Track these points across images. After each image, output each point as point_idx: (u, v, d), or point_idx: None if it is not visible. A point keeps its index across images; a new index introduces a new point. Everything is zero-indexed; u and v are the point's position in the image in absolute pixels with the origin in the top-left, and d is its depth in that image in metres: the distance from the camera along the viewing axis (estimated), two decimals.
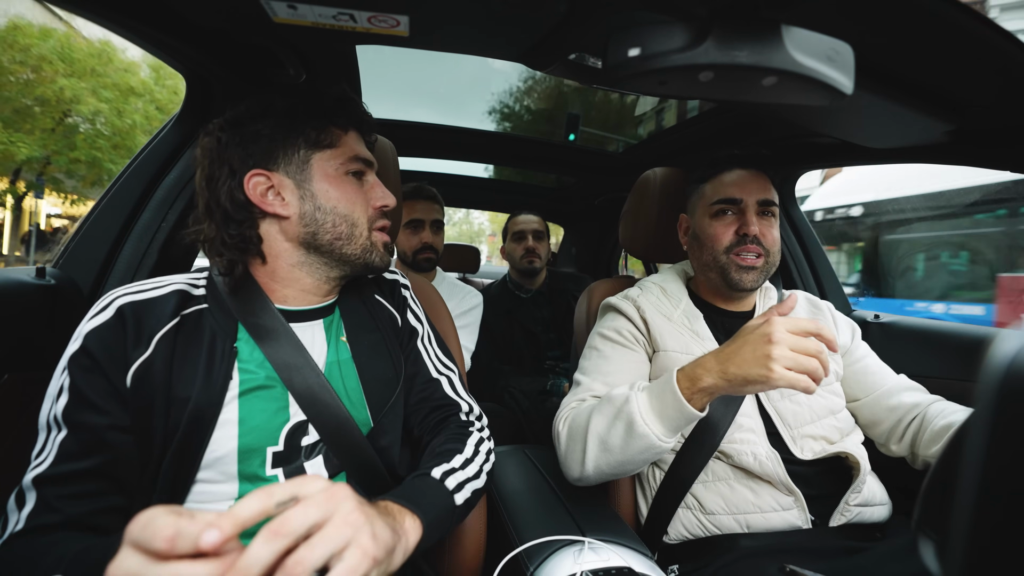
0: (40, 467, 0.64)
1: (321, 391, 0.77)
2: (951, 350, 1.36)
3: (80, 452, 0.65)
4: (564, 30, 0.82)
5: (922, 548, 0.44)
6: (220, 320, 0.76)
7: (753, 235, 1.06)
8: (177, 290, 0.76)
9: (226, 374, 0.73)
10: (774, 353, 0.75)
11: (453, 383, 0.97)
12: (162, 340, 0.71)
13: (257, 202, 0.77)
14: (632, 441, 0.86)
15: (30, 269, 1.02)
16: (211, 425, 0.71)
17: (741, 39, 0.54)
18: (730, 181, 1.11)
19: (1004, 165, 1.06)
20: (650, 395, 0.87)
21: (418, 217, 1.93)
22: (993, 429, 0.35)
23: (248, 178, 0.76)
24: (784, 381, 0.74)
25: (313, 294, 0.84)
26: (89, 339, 0.68)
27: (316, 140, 0.79)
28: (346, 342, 0.85)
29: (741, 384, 0.78)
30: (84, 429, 0.66)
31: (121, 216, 1.18)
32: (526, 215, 2.47)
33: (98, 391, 0.67)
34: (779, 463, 0.97)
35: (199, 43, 1.01)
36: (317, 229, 0.79)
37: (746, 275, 1.08)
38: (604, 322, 1.17)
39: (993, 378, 0.35)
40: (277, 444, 0.75)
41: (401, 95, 2.12)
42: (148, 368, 0.69)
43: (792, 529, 0.97)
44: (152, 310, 0.72)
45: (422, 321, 0.99)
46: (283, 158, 0.78)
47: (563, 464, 0.99)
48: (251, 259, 0.80)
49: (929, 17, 0.68)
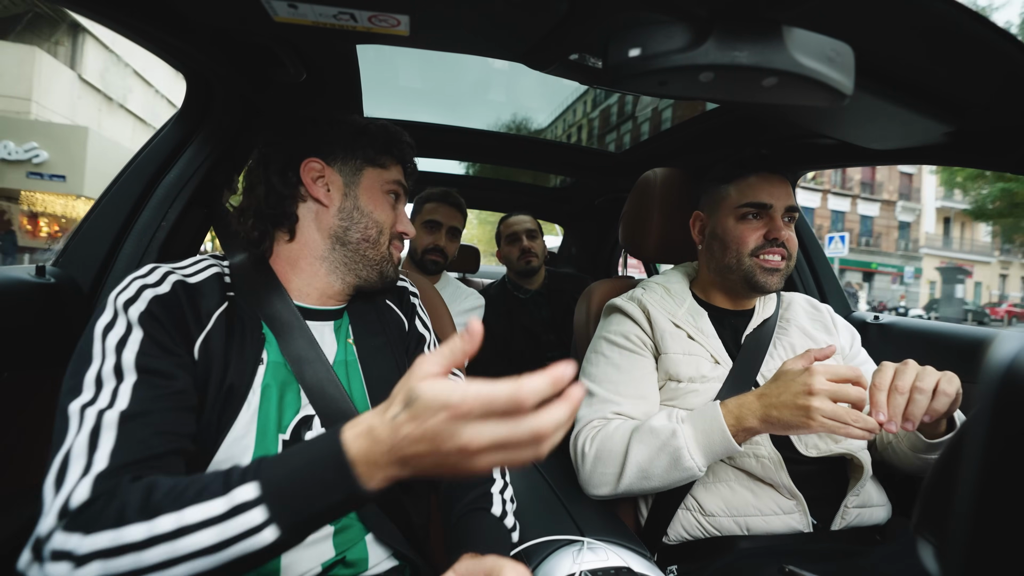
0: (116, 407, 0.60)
1: (330, 385, 0.79)
2: (950, 351, 1.36)
3: (161, 391, 0.64)
4: (564, 30, 0.82)
5: (921, 550, 0.44)
6: (246, 310, 0.78)
7: (783, 239, 1.08)
8: (216, 273, 0.79)
9: (255, 359, 0.75)
10: (814, 404, 0.80)
11: None
12: (219, 318, 0.74)
13: (306, 183, 0.84)
14: (674, 472, 0.92)
15: (30, 267, 1.02)
16: (239, 407, 0.72)
17: (742, 40, 0.54)
18: (758, 185, 1.11)
19: (1004, 166, 1.06)
20: (695, 430, 0.91)
21: (438, 219, 1.96)
22: (992, 430, 0.35)
23: (306, 161, 0.84)
24: (824, 429, 0.80)
25: (326, 295, 0.87)
26: (154, 304, 0.68)
27: (373, 158, 0.89)
28: (352, 344, 0.87)
29: (782, 428, 0.85)
30: (160, 371, 0.65)
31: (121, 215, 1.18)
32: (517, 216, 2.47)
33: (173, 344, 0.68)
34: (781, 466, 0.97)
35: (199, 42, 1.00)
36: (351, 225, 0.86)
37: (771, 277, 1.09)
38: (610, 325, 1.16)
39: (992, 379, 0.35)
40: (286, 433, 0.76)
41: (402, 95, 2.11)
42: (208, 342, 0.71)
43: (792, 532, 0.97)
44: (202, 291, 0.75)
45: (429, 329, 1.01)
46: (342, 159, 0.87)
47: (586, 481, 1.00)
48: (279, 234, 0.85)
49: (929, 18, 0.68)
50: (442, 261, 1.97)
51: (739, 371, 1.06)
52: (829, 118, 1.05)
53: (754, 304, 1.19)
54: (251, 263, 0.83)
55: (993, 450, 0.35)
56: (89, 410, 0.60)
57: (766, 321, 1.14)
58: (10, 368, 0.91)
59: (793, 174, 1.63)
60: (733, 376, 1.05)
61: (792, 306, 1.21)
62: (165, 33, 0.96)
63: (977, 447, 0.36)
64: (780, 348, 1.12)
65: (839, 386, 0.80)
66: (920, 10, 0.66)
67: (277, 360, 0.77)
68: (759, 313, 1.16)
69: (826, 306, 1.24)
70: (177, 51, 1.06)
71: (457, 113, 1.95)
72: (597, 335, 1.18)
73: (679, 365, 1.07)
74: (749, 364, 1.07)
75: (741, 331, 1.13)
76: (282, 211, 0.84)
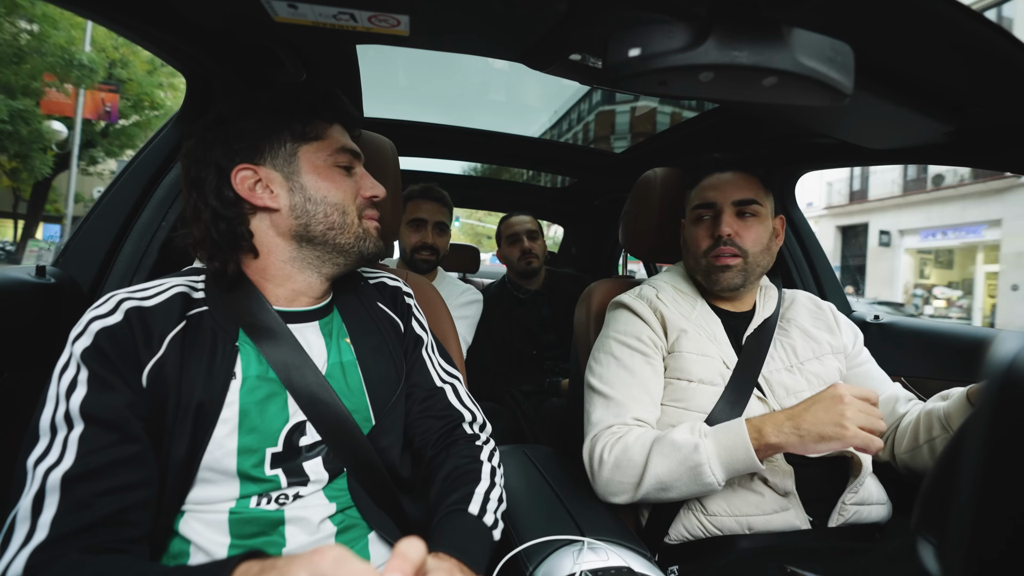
0: (61, 466, 0.60)
1: (320, 390, 0.77)
2: (950, 351, 1.36)
3: (107, 443, 0.63)
4: (564, 30, 0.82)
5: (921, 550, 0.44)
6: (221, 321, 0.76)
7: (726, 236, 1.08)
8: (179, 293, 0.75)
9: (227, 374, 0.73)
10: (848, 413, 0.82)
11: (457, 391, 0.97)
12: (172, 341, 0.71)
13: (246, 196, 0.76)
14: (693, 486, 0.92)
15: (30, 268, 1.03)
16: (212, 424, 0.71)
17: (741, 39, 0.54)
18: (707, 185, 1.14)
19: (1004, 166, 1.06)
20: (718, 446, 0.91)
21: (422, 217, 1.92)
22: (992, 429, 0.35)
23: (235, 173, 0.76)
24: (859, 440, 0.82)
25: (305, 295, 0.84)
26: (100, 337, 0.67)
27: (302, 133, 0.79)
28: (350, 343, 0.86)
29: (815, 440, 0.85)
30: (106, 421, 0.63)
31: (121, 215, 1.18)
32: (518, 216, 2.46)
33: (117, 379, 0.66)
34: (789, 475, 0.97)
35: (200, 42, 1.01)
36: (309, 220, 0.79)
37: (723, 274, 1.09)
38: (618, 324, 1.15)
39: (992, 379, 0.35)
40: (276, 445, 0.75)
41: (402, 95, 2.11)
42: (161, 368, 0.69)
43: (791, 530, 0.97)
44: (157, 315, 0.72)
45: (427, 330, 1.00)
46: (269, 152, 0.78)
47: (602, 487, 0.99)
48: (243, 256, 0.80)
49: (929, 18, 0.68)
50: (433, 258, 1.94)
51: (740, 372, 1.06)
52: (829, 118, 1.05)
53: (753, 303, 1.18)
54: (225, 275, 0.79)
55: (993, 450, 0.35)
56: (39, 467, 0.60)
57: (767, 321, 1.13)
58: (10, 368, 0.91)
59: (793, 174, 1.63)
60: (735, 377, 1.05)
61: (794, 305, 1.21)
62: (165, 33, 0.96)
63: (977, 447, 0.36)
64: (781, 349, 1.11)
65: (865, 399, 0.85)
66: (920, 10, 0.66)
67: (255, 373, 0.75)
68: (759, 313, 1.16)
69: (828, 304, 1.24)
70: (177, 51, 1.06)
71: (457, 113, 1.95)
72: (604, 334, 1.17)
73: (692, 364, 1.06)
74: (750, 365, 1.07)
75: (741, 332, 1.13)
76: (236, 234, 0.77)
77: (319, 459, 0.78)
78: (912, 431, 1.03)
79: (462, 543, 0.72)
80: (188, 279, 0.79)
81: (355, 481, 0.80)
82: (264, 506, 0.73)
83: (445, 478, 0.85)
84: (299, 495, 0.76)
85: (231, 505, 0.72)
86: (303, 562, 0.44)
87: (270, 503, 0.74)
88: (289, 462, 0.76)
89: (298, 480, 0.76)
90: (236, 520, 0.72)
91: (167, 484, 0.69)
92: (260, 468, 0.73)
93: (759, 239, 1.10)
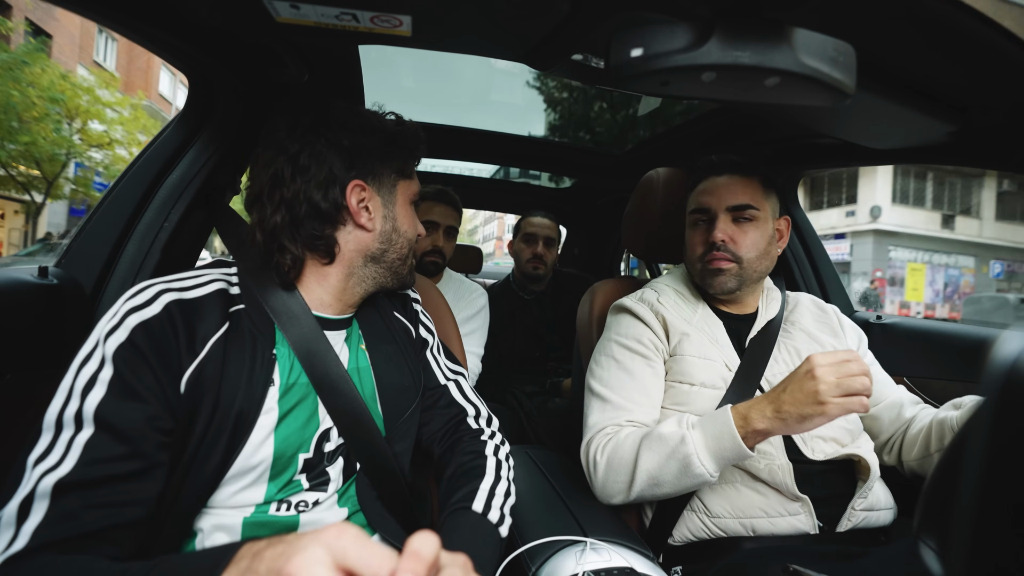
0: (58, 471, 0.56)
1: (340, 380, 0.77)
2: (953, 352, 1.36)
3: (113, 456, 0.59)
4: (567, 30, 0.82)
5: (924, 554, 0.43)
6: (257, 322, 0.74)
7: (719, 242, 1.07)
8: (219, 289, 0.73)
9: (266, 380, 0.72)
10: (821, 388, 0.80)
11: (461, 387, 0.98)
12: (215, 344, 0.68)
13: (353, 210, 0.78)
14: (685, 479, 0.90)
15: (32, 268, 1.03)
16: (248, 431, 0.69)
17: (744, 40, 0.54)
18: (703, 189, 1.13)
19: (1006, 165, 1.05)
20: (704, 435, 0.90)
21: (435, 220, 1.90)
22: (994, 431, 0.35)
23: (351, 186, 0.77)
24: (840, 409, 0.79)
25: (340, 301, 0.83)
26: (137, 333, 0.63)
27: (403, 169, 0.84)
28: (365, 350, 0.86)
29: (797, 421, 0.82)
30: (119, 431, 0.60)
31: (124, 215, 1.18)
32: (541, 218, 2.39)
33: (147, 386, 0.62)
34: (788, 472, 0.97)
35: (202, 43, 1.01)
36: (389, 248, 0.83)
37: (717, 278, 1.10)
38: (619, 327, 1.15)
39: (994, 380, 0.35)
40: (308, 451, 0.75)
41: (403, 95, 2.11)
42: (201, 372, 0.66)
43: (797, 534, 0.96)
44: (200, 311, 0.69)
45: (433, 333, 1.01)
46: (379, 177, 0.81)
47: (600, 490, 0.99)
48: (313, 258, 0.79)
49: (931, 18, 0.68)
50: (441, 262, 1.95)
51: (743, 375, 1.05)
52: (832, 118, 1.05)
53: (756, 306, 1.18)
54: (266, 272, 0.77)
55: (995, 452, 0.35)
56: (37, 468, 0.57)
57: (770, 323, 1.13)
58: (12, 369, 0.91)
59: (795, 174, 1.63)
60: (737, 381, 1.05)
61: (798, 307, 1.20)
62: (168, 34, 0.96)
63: (979, 449, 0.36)
64: (784, 352, 1.11)
65: (840, 365, 0.81)
66: (922, 10, 0.66)
67: (292, 380, 0.74)
68: (762, 315, 1.15)
69: (832, 307, 1.23)
70: (180, 52, 1.06)
71: (459, 113, 1.95)
72: (606, 337, 1.17)
73: (694, 368, 1.06)
74: (753, 368, 1.06)
75: (743, 334, 1.13)
76: (322, 236, 0.76)
77: (340, 462, 0.79)
78: (923, 439, 1.02)
79: (465, 542, 0.73)
80: (222, 271, 0.77)
81: (365, 483, 0.81)
82: (283, 512, 0.74)
83: (451, 476, 0.85)
84: (318, 501, 0.77)
85: (250, 511, 0.72)
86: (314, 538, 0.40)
87: (290, 509, 0.74)
88: (316, 467, 0.77)
89: (320, 486, 0.77)
90: (250, 524, 0.72)
91: (192, 488, 0.67)
92: (291, 473, 0.74)
93: (755, 244, 1.09)
